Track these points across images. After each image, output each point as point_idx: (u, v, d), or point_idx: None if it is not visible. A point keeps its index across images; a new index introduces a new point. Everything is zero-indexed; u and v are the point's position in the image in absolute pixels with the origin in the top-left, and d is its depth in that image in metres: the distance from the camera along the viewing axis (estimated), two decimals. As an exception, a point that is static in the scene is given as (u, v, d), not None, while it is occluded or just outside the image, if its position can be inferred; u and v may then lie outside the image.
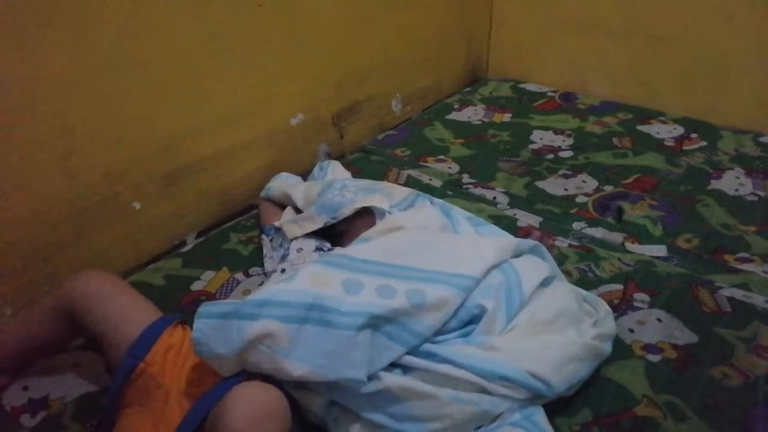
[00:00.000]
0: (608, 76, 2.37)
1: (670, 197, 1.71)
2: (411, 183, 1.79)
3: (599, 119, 2.20)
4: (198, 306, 0.96)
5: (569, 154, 1.97)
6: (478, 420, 0.99)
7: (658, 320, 1.27)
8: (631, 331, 1.24)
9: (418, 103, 2.35)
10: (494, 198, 1.73)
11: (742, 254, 1.47)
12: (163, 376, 1.01)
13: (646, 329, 1.24)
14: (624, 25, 2.24)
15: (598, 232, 1.57)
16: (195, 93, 1.50)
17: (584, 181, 1.81)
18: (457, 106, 2.36)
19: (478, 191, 1.77)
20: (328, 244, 1.36)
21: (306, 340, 0.93)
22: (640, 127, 2.12)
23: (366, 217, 1.34)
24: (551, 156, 1.96)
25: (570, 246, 1.51)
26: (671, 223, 1.59)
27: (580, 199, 1.72)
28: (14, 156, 1.20)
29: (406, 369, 0.99)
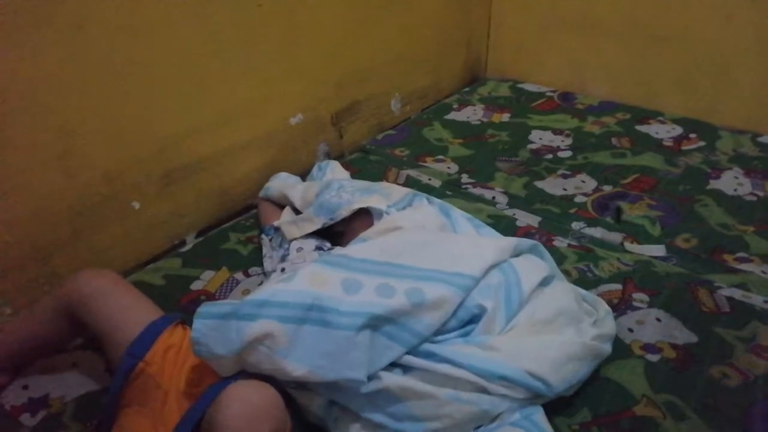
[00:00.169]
0: (607, 76, 2.37)
1: (669, 197, 1.71)
2: (410, 183, 1.79)
3: (598, 119, 2.20)
4: (198, 306, 0.96)
5: (568, 154, 1.98)
6: (478, 420, 0.99)
7: (657, 320, 1.27)
8: (631, 330, 1.24)
9: (417, 103, 2.36)
10: (493, 198, 1.73)
11: (740, 254, 1.47)
12: (162, 376, 1.01)
13: (646, 329, 1.25)
14: (623, 25, 2.24)
15: (597, 232, 1.57)
16: (194, 93, 1.50)
17: (583, 181, 1.81)
18: (456, 106, 2.36)
19: (477, 191, 1.77)
20: (328, 244, 1.36)
21: (305, 340, 0.93)
22: (639, 127, 2.12)
23: (364, 217, 1.34)
24: (550, 156, 1.96)
25: (569, 246, 1.51)
26: (670, 222, 1.60)
27: (579, 199, 1.72)
28: (14, 155, 1.20)
29: (406, 369, 0.99)
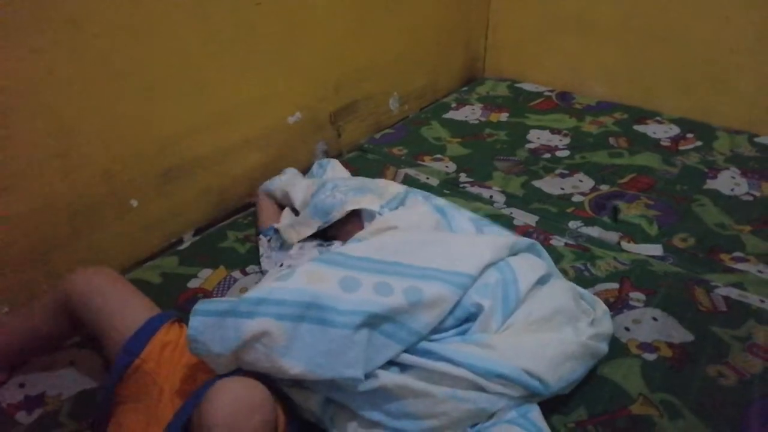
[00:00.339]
0: (605, 76, 2.38)
1: (666, 197, 1.71)
2: (408, 182, 1.79)
3: (596, 119, 2.20)
4: (195, 304, 0.96)
5: (566, 153, 1.98)
6: (475, 417, 0.99)
7: (654, 319, 1.27)
8: (627, 329, 1.25)
9: (416, 102, 2.36)
10: (491, 197, 1.74)
11: (737, 254, 1.48)
12: (158, 374, 1.01)
13: (642, 328, 1.25)
14: (621, 25, 2.25)
15: (595, 231, 1.58)
16: (193, 92, 1.50)
17: (581, 181, 1.81)
18: (454, 105, 2.36)
19: (475, 190, 1.77)
20: (328, 242, 1.36)
21: (303, 338, 0.93)
22: (637, 127, 2.13)
23: (355, 221, 1.34)
24: (548, 155, 1.96)
25: (566, 245, 1.51)
26: (667, 222, 1.60)
27: (577, 198, 1.73)
28: (13, 154, 1.20)
29: (404, 367, 0.99)
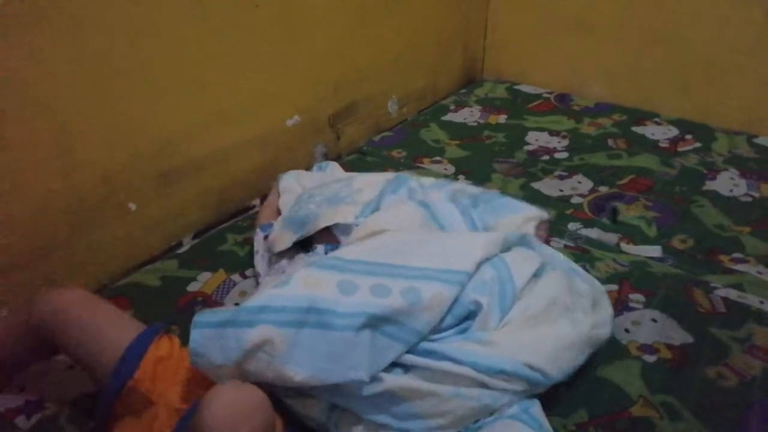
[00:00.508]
0: (603, 77, 2.38)
1: (665, 198, 1.72)
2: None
3: (594, 120, 2.21)
4: (194, 307, 0.95)
5: (564, 155, 1.98)
6: (478, 414, 0.99)
7: (654, 321, 1.27)
8: (627, 331, 1.25)
9: (414, 104, 2.36)
10: (490, 199, 1.73)
11: (736, 255, 1.48)
12: (153, 391, 0.98)
13: (642, 329, 1.25)
14: (619, 26, 2.25)
15: (594, 233, 1.58)
16: (191, 94, 1.50)
17: (579, 182, 1.81)
18: (452, 107, 2.36)
19: (474, 192, 1.77)
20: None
21: (304, 343, 0.92)
22: (635, 129, 2.13)
23: (330, 234, 1.32)
24: (546, 157, 1.97)
25: (565, 247, 1.51)
26: (666, 223, 1.60)
27: (576, 200, 1.73)
28: (12, 155, 1.19)
29: (407, 368, 0.99)
